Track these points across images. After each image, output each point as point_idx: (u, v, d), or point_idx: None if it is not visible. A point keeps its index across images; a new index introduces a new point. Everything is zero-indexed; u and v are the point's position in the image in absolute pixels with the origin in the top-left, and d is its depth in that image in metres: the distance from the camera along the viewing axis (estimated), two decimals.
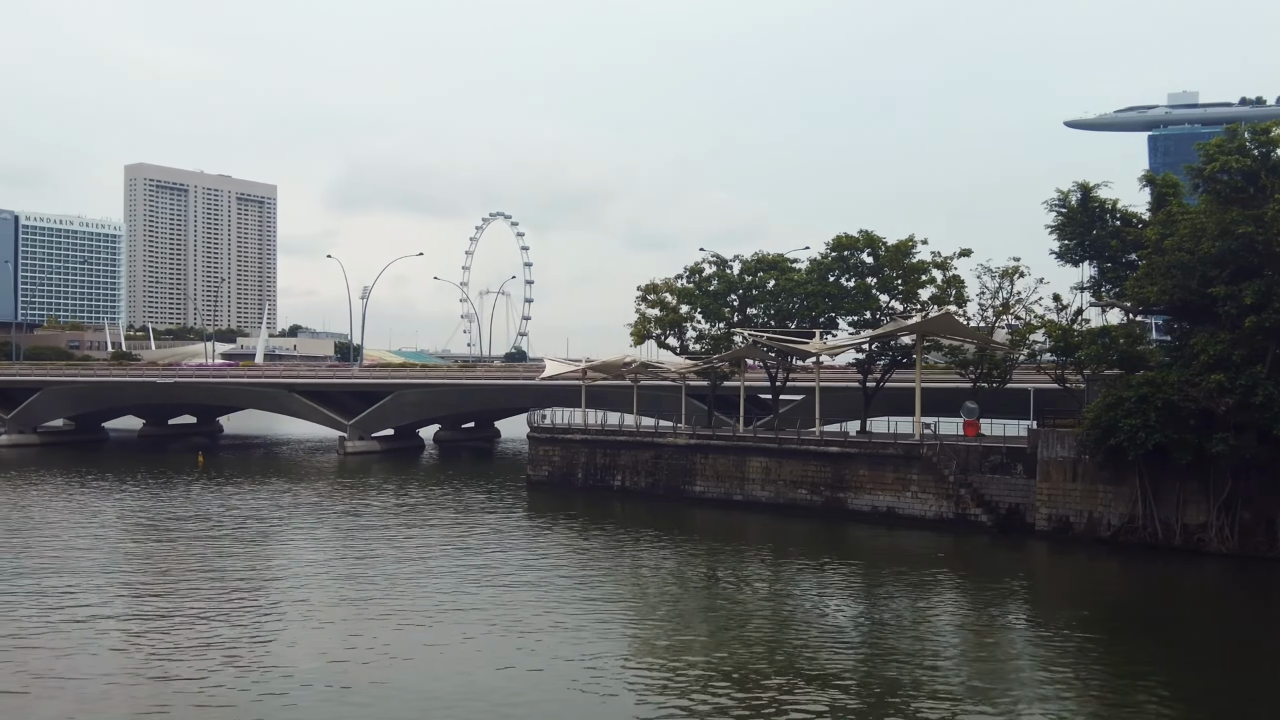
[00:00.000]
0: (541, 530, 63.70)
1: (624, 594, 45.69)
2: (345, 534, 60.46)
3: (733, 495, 71.82)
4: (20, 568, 49.00)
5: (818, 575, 50.25)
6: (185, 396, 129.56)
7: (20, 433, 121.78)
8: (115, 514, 67.51)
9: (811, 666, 33.61)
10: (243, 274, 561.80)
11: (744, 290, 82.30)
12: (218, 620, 38.74)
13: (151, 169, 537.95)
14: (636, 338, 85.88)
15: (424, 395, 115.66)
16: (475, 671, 32.87)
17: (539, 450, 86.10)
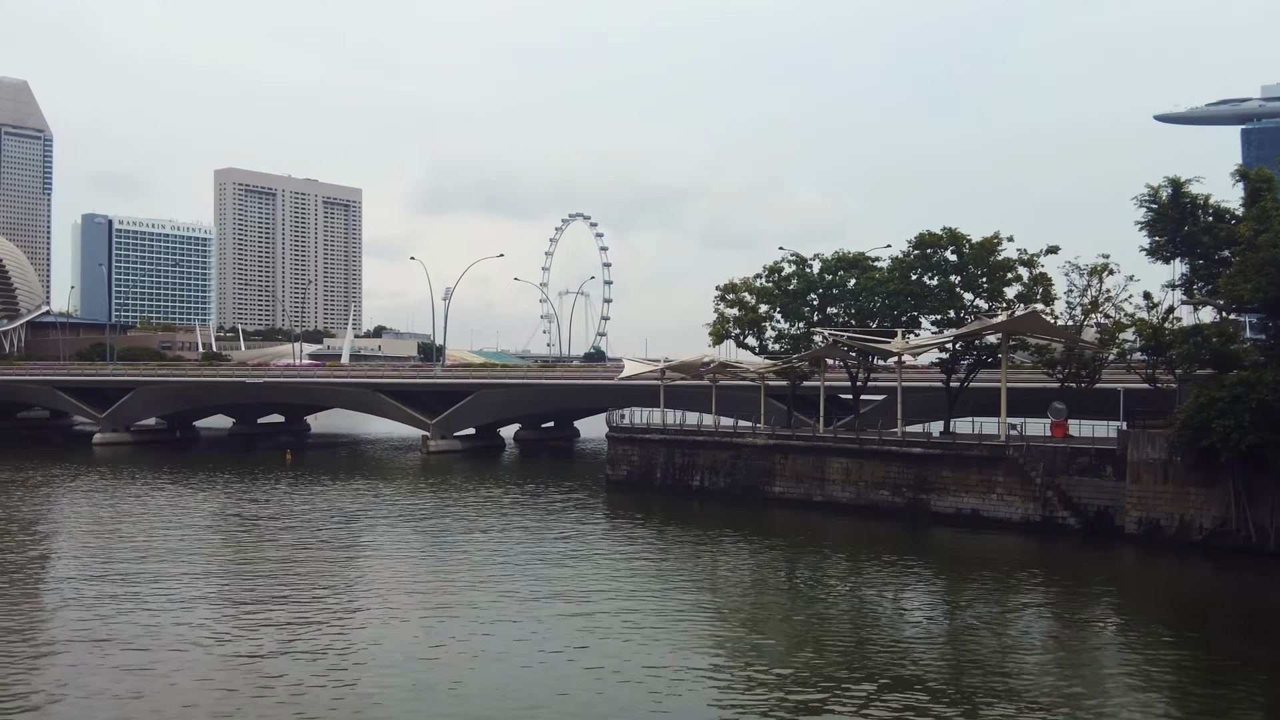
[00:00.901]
0: (620, 530, 63.77)
1: (703, 595, 45.48)
2: (428, 532, 61.15)
3: (812, 496, 71.17)
4: (112, 565, 50.40)
5: (899, 578, 49.55)
6: (274, 396, 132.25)
7: (114, 431, 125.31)
8: (205, 511, 69.11)
9: (892, 671, 33.10)
10: (329, 276, 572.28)
11: (824, 289, 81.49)
12: (302, 618, 39.33)
13: (240, 173, 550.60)
14: (715, 338, 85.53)
15: (504, 395, 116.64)
16: (554, 672, 32.87)
17: (618, 450, 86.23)
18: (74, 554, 53.68)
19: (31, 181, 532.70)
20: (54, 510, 70.52)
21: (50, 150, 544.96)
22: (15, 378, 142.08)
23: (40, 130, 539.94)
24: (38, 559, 53.29)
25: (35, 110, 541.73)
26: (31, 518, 66.65)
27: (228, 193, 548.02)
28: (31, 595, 44.51)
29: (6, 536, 58.82)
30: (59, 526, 64.26)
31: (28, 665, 33.26)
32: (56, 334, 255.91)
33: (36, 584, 47.08)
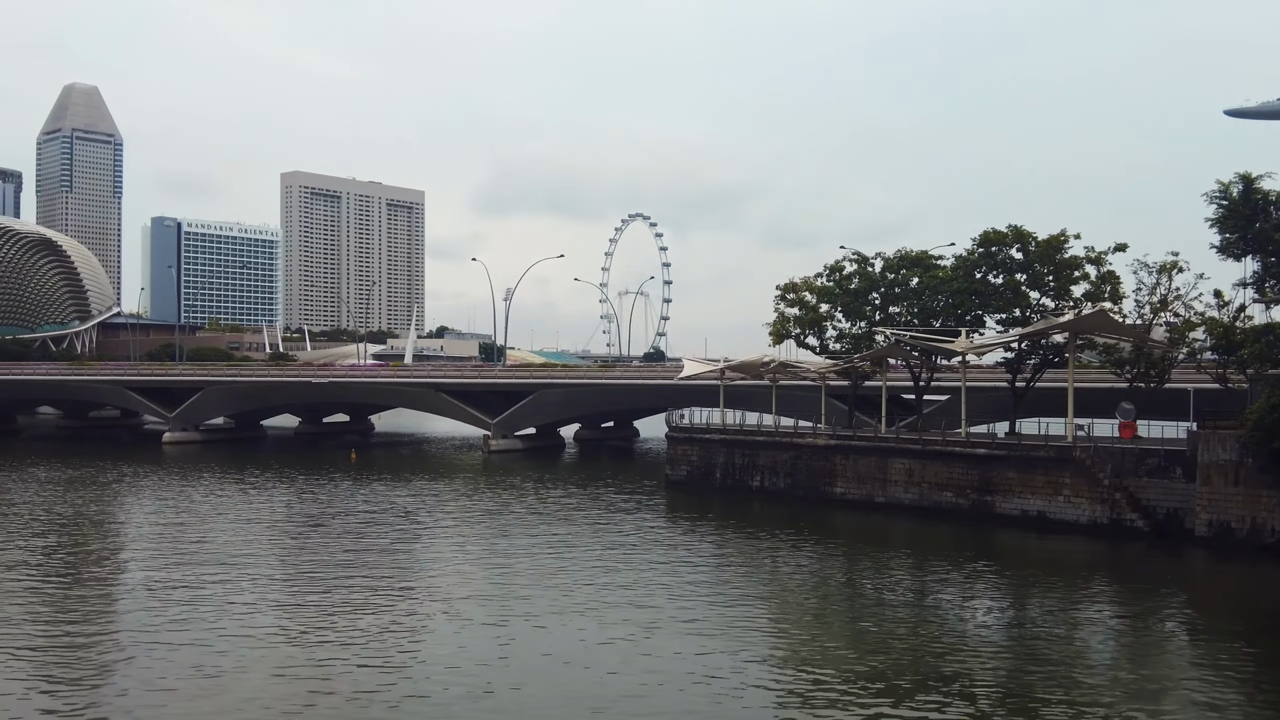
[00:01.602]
0: (680, 530, 63.66)
1: (764, 597, 45.24)
2: (489, 531, 61.53)
3: (874, 497, 70.54)
4: (179, 562, 51.29)
5: (963, 580, 48.91)
6: (339, 396, 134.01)
7: (183, 430, 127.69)
8: (271, 509, 70.18)
9: (956, 675, 32.64)
10: (393, 277, 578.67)
11: (886, 288, 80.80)
12: (364, 617, 39.67)
13: (306, 176, 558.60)
14: (775, 337, 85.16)
15: (565, 395, 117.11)
16: (613, 675, 32.77)
17: (677, 450, 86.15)
18: (143, 551, 54.74)
19: (102, 185, 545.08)
20: (124, 508, 72.03)
21: (120, 154, 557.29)
22: (87, 378, 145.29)
23: (110, 135, 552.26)
24: (108, 556, 54.45)
25: (106, 115, 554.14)
26: (102, 515, 68.18)
27: (294, 195, 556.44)
28: (101, 592, 45.44)
29: (78, 533, 60.18)
30: (129, 524, 65.65)
31: (96, 663, 33.87)
32: (127, 335, 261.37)
33: (106, 581, 48.03)
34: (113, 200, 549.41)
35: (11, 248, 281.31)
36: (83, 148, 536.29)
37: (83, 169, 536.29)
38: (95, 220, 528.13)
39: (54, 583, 46.43)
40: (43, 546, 55.19)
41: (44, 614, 40.19)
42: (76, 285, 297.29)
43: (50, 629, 37.81)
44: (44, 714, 28.82)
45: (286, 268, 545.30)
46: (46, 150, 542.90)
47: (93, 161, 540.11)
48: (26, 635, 36.65)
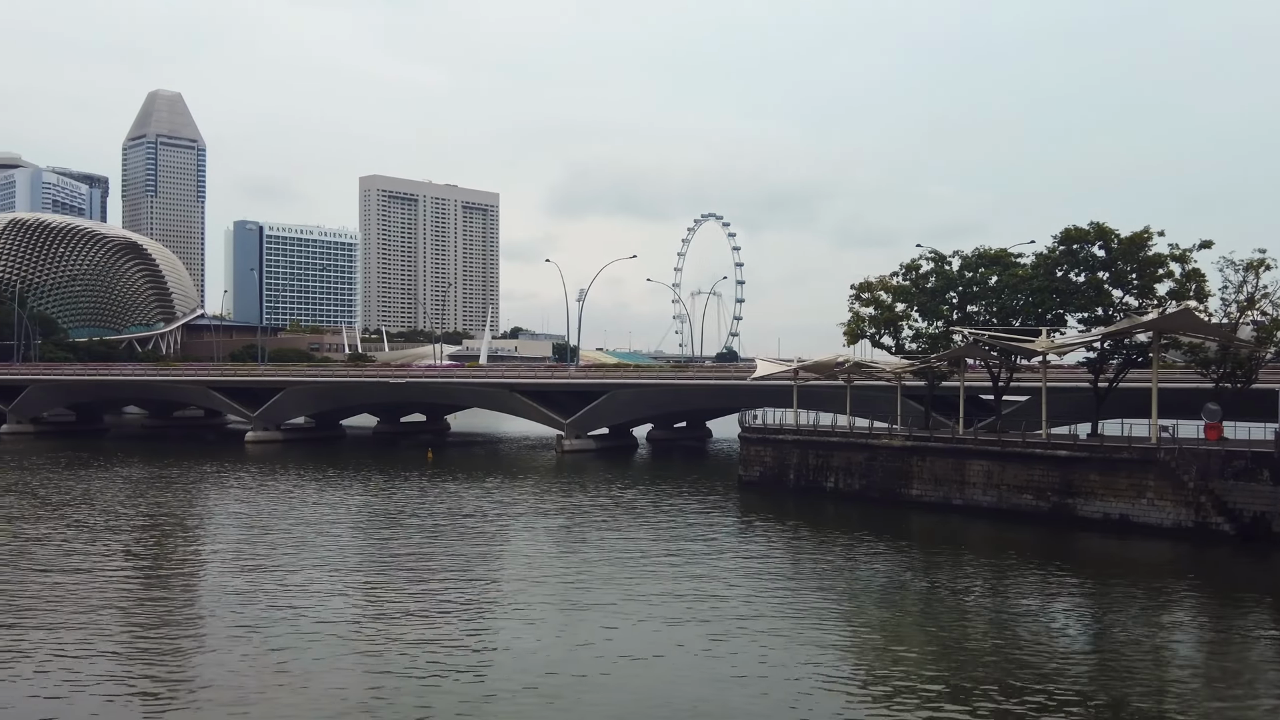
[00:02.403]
0: (754, 532, 63.40)
1: (837, 600, 44.72)
2: (562, 531, 61.81)
3: (951, 499, 69.53)
4: (259, 558, 52.26)
5: (1043, 585, 47.97)
6: (415, 396, 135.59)
7: (265, 430, 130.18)
8: (349, 507, 71.19)
9: (1036, 683, 32.00)
10: (468, 278, 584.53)
11: (964, 287, 79.59)
12: (438, 615, 40.04)
13: (384, 180, 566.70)
14: (850, 337, 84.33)
15: (637, 395, 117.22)
16: (685, 676, 32.67)
17: (750, 450, 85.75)
18: (225, 548, 55.93)
19: (186, 189, 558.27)
20: (208, 505, 73.60)
21: (203, 159, 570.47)
22: (172, 378, 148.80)
23: (194, 140, 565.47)
24: (191, 553, 55.76)
25: (189, 121, 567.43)
26: (186, 512, 69.78)
27: (372, 199, 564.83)
28: (183, 587, 46.44)
29: (163, 531, 61.66)
30: (212, 521, 67.14)
31: (178, 655, 34.60)
32: (210, 336, 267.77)
33: (188, 576, 49.12)
34: (196, 204, 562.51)
35: (99, 251, 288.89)
36: (167, 153, 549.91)
37: (167, 174, 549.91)
38: (179, 224, 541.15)
39: (140, 579, 47.64)
40: (129, 543, 56.67)
41: (130, 609, 41.24)
42: (161, 288, 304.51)
43: (135, 624, 38.74)
44: (128, 709, 29.51)
45: (365, 270, 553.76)
46: (132, 156, 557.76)
47: (177, 166, 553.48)
48: (112, 631, 37.58)
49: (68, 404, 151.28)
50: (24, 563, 50.01)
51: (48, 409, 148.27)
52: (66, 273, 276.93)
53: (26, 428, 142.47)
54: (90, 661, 33.27)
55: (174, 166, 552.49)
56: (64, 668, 32.65)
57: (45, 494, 76.09)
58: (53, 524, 62.13)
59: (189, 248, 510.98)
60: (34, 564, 49.77)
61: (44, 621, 38.50)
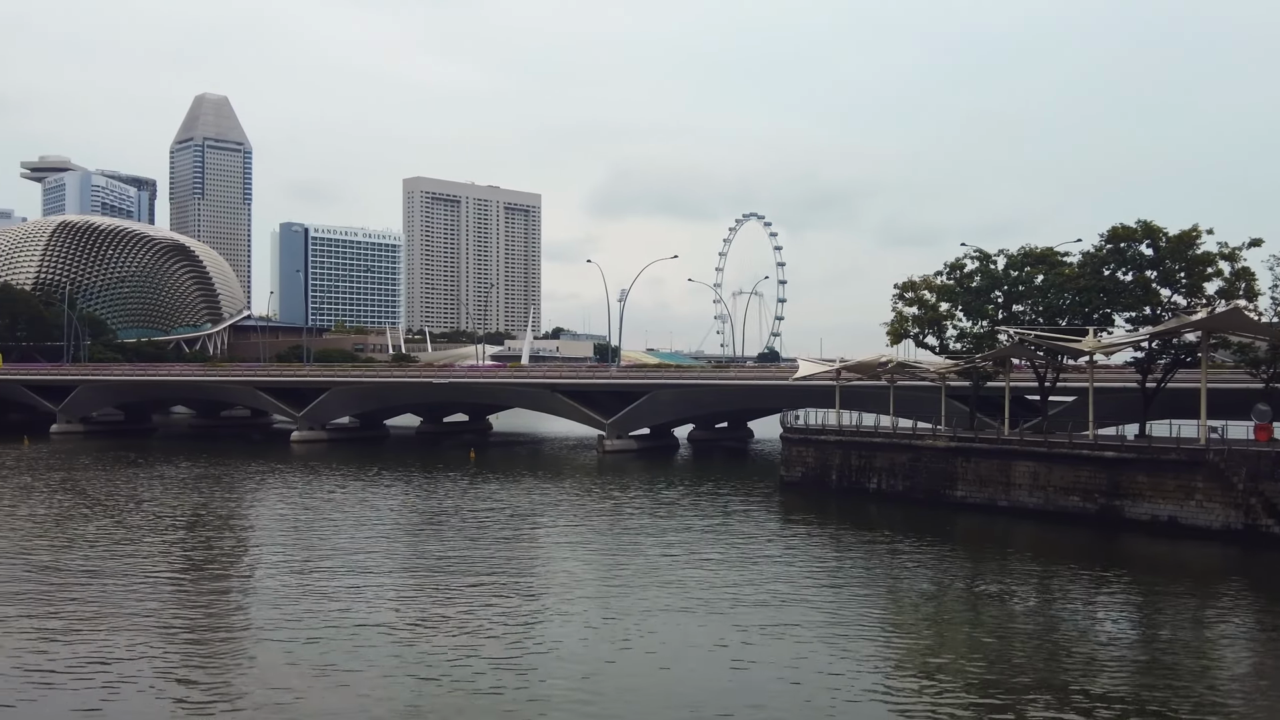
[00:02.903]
0: (796, 533, 63.03)
1: (881, 603, 44.38)
2: (603, 531, 61.79)
3: (997, 501, 68.77)
4: (302, 557, 52.66)
5: (1090, 588, 47.30)
6: (458, 396, 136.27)
7: (311, 429, 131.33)
8: (393, 506, 71.59)
9: (1081, 688, 31.53)
10: (510, 279, 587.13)
11: (1009, 286, 78.74)
12: (479, 616, 40.06)
13: (427, 181, 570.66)
14: (893, 337, 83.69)
15: (678, 395, 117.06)
16: (724, 683, 32.44)
17: (792, 451, 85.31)
18: (268, 547, 56.49)
19: (232, 192, 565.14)
20: (254, 504, 74.33)
21: (250, 162, 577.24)
22: (220, 378, 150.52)
23: (240, 143, 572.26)
24: (235, 552, 56.30)
25: (235, 124, 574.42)
26: (232, 512, 70.51)
27: (415, 200, 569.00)
28: (227, 588, 46.79)
29: (208, 530, 62.32)
30: (259, 520, 67.79)
31: (221, 657, 34.87)
32: (257, 337, 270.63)
33: (232, 576, 49.50)
34: (242, 206, 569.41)
35: (147, 253, 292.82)
36: (214, 156, 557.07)
37: (214, 176, 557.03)
38: (226, 226, 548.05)
39: (184, 579, 48.11)
40: (174, 543, 57.34)
41: (174, 609, 41.64)
42: (209, 289, 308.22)
43: (179, 624, 39.11)
44: (174, 707, 29.78)
45: (408, 270, 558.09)
46: (179, 159, 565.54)
47: (223, 169, 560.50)
48: (156, 631, 37.85)
49: (116, 404, 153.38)
50: (71, 562, 50.67)
51: (97, 409, 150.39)
52: (115, 274, 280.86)
53: (76, 427, 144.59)
54: (134, 662, 33.57)
55: (221, 169, 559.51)
56: (109, 668, 32.99)
57: (93, 493, 77.17)
58: (100, 523, 62.98)
59: (236, 249, 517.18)
60: (81, 563, 50.44)
61: (90, 621, 38.98)
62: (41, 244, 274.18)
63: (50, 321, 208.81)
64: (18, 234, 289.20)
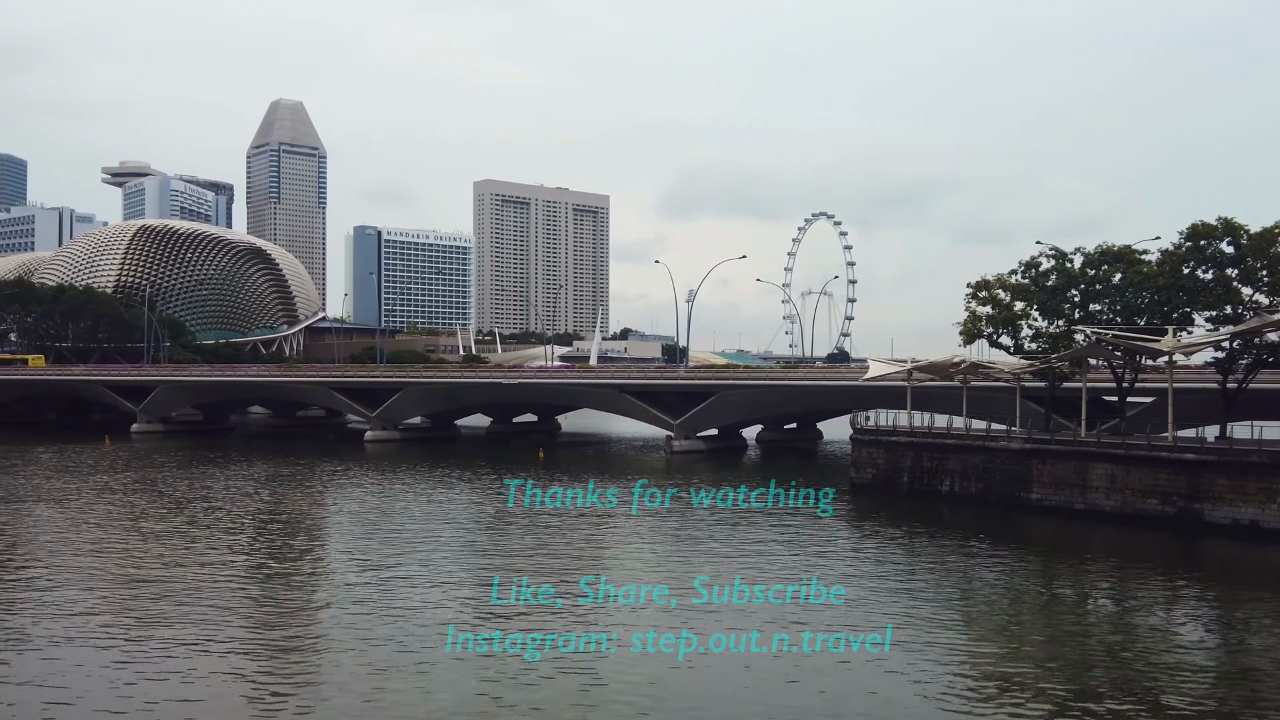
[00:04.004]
0: (866, 535, 62.45)
1: (953, 608, 43.76)
2: (673, 532, 61.74)
3: (1073, 504, 67.52)
4: (377, 557, 53.31)
5: (1169, 593, 46.29)
6: (527, 396, 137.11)
7: (384, 429, 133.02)
8: (464, 505, 72.17)
9: (1164, 696, 30.86)
10: (579, 280, 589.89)
11: (1086, 285, 77.31)
12: (549, 618, 40.27)
13: (497, 184, 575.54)
14: (966, 337, 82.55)
15: (746, 396, 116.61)
16: (793, 684, 32.29)
17: (862, 452, 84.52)
18: (341, 545, 57.51)
19: (307, 196, 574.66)
20: (328, 502, 75.49)
21: (324, 166, 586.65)
22: (295, 379, 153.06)
23: (315, 148, 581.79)
24: (308, 550, 57.30)
25: (310, 129, 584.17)
26: (306, 510, 71.68)
27: (485, 203, 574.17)
28: (300, 585, 47.53)
29: (283, 528, 63.40)
30: (331, 518, 68.89)
31: (293, 653, 35.35)
32: (331, 338, 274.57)
33: (305, 574, 50.33)
34: (317, 210, 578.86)
35: (225, 256, 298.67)
36: (289, 161, 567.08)
37: (289, 181, 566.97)
38: (301, 229, 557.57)
39: (258, 576, 49.06)
40: (249, 541, 58.49)
41: (247, 607, 42.47)
42: (285, 291, 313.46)
43: (253, 622, 39.87)
44: (250, 706, 30.30)
45: (479, 272, 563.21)
46: (256, 163, 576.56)
47: (298, 173, 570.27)
48: (230, 628, 38.53)
49: (195, 404, 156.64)
50: (147, 560, 51.82)
51: (176, 409, 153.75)
52: (194, 277, 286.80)
53: (156, 427, 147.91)
54: (208, 658, 34.22)
55: (296, 173, 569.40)
56: (184, 665, 33.60)
57: (170, 491, 78.87)
58: (176, 521, 64.37)
59: (311, 252, 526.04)
60: (157, 561, 51.59)
61: (167, 618, 39.82)
62: (122, 248, 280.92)
63: (131, 323, 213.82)
64: (99, 238, 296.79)
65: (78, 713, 29.18)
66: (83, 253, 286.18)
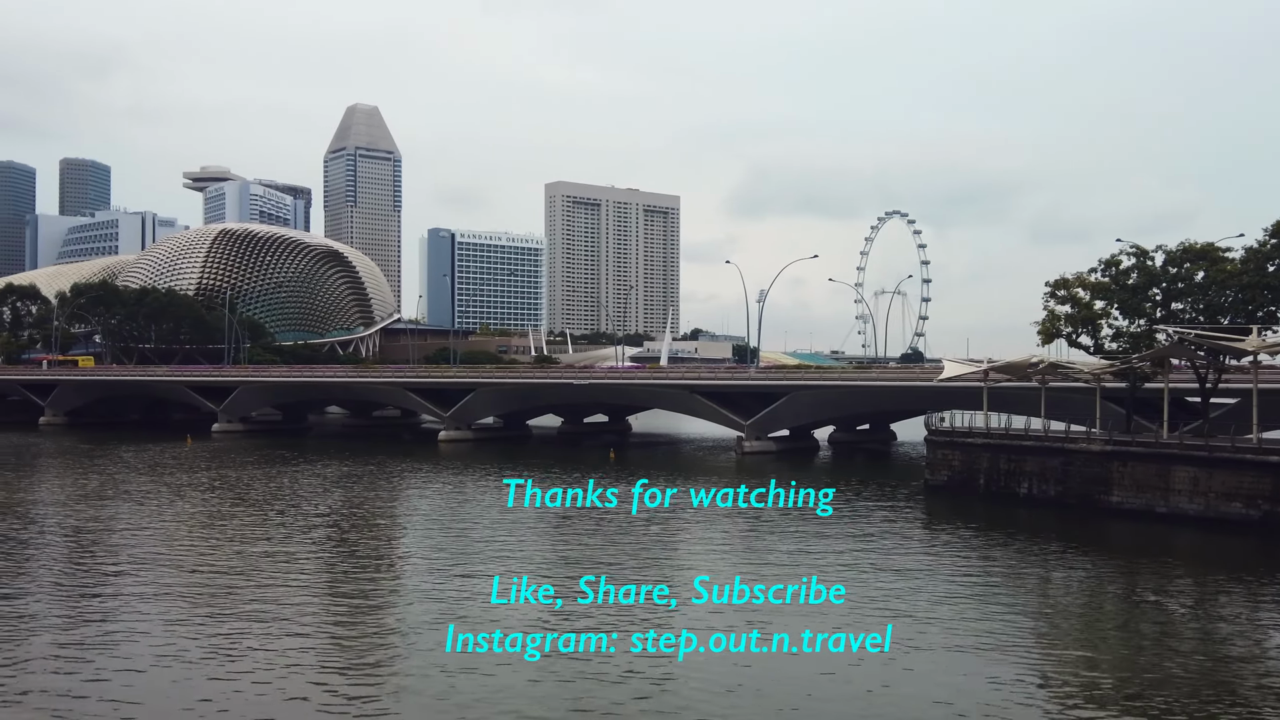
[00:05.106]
0: (941, 539, 61.55)
1: (1031, 615, 42.93)
2: (745, 533, 61.49)
3: (1155, 507, 65.97)
4: (451, 556, 53.85)
5: (1255, 599, 44.96)
6: (598, 397, 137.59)
7: (457, 429, 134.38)
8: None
9: (1250, 708, 29.99)
10: (649, 281, 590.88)
11: (1168, 283, 75.60)
12: (621, 620, 40.29)
13: (568, 186, 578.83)
14: (1044, 336, 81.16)
15: (817, 397, 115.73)
16: (870, 693, 31.86)
17: (937, 454, 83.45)
18: (416, 544, 58.24)
19: (383, 199, 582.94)
20: (403, 501, 76.40)
21: (399, 170, 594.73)
22: (371, 380, 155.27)
23: (390, 152, 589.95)
24: (383, 548, 58.06)
25: (386, 133, 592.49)
26: (382, 509, 72.59)
27: (556, 205, 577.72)
28: (375, 584, 48.01)
29: (359, 526, 64.27)
30: (407, 517, 69.70)
31: (369, 652, 35.71)
32: (406, 339, 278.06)
33: (379, 572, 50.83)
34: (392, 213, 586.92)
35: (303, 259, 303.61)
36: (365, 165, 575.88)
37: (365, 184, 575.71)
38: (377, 232, 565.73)
39: (335, 575, 49.72)
40: (324, 540, 59.34)
41: (324, 606, 43.10)
42: (361, 293, 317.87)
43: (330, 621, 40.43)
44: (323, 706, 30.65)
45: (550, 273, 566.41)
46: (333, 168, 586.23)
47: (374, 177, 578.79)
48: (306, 627, 39.15)
49: (274, 404, 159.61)
50: (225, 558, 52.86)
51: (255, 409, 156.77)
52: (273, 280, 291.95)
53: (236, 426, 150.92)
54: (283, 655, 34.80)
55: (372, 177, 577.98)
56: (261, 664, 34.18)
57: (249, 490, 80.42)
58: (254, 519, 65.64)
59: (386, 254, 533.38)
60: (235, 559, 52.62)
61: (245, 615, 40.57)
62: (203, 251, 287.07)
63: (212, 325, 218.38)
64: (181, 242, 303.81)
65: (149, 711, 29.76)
66: (165, 256, 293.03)
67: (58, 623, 38.76)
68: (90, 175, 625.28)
